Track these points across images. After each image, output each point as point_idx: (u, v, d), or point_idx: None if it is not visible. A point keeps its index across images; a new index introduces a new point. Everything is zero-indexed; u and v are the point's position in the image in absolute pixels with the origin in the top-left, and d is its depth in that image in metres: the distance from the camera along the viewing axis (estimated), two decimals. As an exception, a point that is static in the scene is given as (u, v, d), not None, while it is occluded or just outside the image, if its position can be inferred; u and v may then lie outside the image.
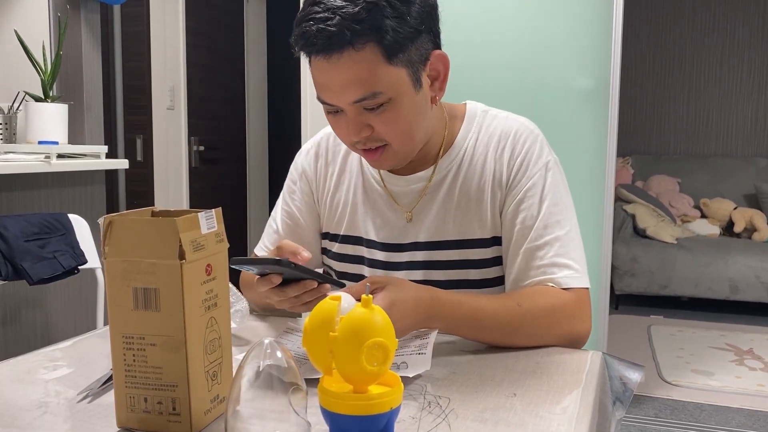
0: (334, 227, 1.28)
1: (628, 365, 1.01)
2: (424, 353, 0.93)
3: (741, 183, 5.21)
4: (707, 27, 5.48)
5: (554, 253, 1.11)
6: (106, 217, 0.73)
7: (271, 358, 0.64)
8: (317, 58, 1.01)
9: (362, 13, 0.96)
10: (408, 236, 1.20)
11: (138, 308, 0.73)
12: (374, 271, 1.23)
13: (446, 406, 0.80)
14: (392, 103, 1.03)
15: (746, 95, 5.45)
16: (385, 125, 1.05)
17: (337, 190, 1.28)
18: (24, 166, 2.32)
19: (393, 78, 1.02)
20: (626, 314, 4.53)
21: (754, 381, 3.26)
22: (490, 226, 1.17)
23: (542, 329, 1.06)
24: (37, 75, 2.57)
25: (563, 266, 1.10)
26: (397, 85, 1.03)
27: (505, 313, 1.04)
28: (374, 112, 1.04)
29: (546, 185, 1.15)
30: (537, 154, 1.16)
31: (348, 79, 1.00)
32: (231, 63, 4.55)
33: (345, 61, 0.98)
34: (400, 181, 1.21)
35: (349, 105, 1.03)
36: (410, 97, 1.05)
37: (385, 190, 1.22)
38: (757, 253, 4.42)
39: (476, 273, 1.18)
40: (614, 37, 2.55)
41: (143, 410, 0.74)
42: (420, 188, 1.19)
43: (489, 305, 1.05)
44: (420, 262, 1.19)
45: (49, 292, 2.56)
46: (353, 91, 1.01)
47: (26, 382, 0.89)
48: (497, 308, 1.05)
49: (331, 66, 0.99)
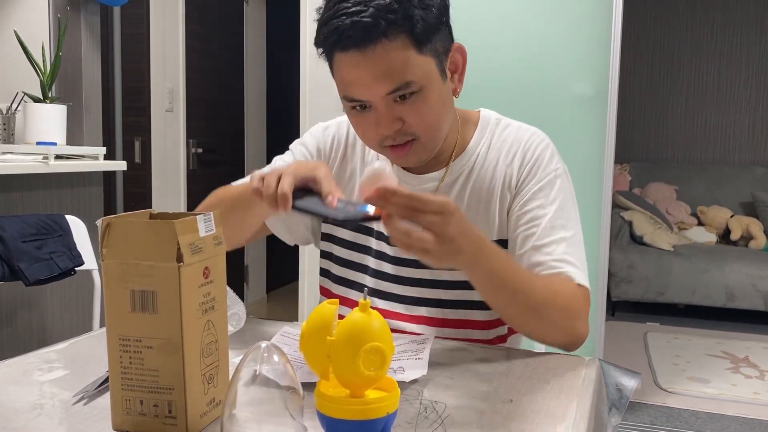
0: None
1: (624, 372, 1.01)
2: (420, 358, 0.93)
3: (738, 191, 5.22)
4: (706, 35, 5.49)
5: (562, 251, 1.10)
6: (104, 219, 0.73)
7: (267, 362, 0.64)
8: (351, 52, 1.01)
9: (393, 4, 0.99)
10: None
11: (135, 310, 0.73)
12: (380, 263, 1.23)
13: (443, 412, 0.80)
14: (422, 93, 1.05)
15: (744, 103, 5.46)
16: (416, 116, 1.06)
17: (347, 184, 1.27)
18: (22, 167, 2.31)
19: (423, 67, 1.04)
20: (623, 321, 4.53)
21: (749, 389, 3.26)
22: (496, 228, 1.17)
23: (557, 317, 1.05)
24: (36, 76, 2.56)
25: (571, 264, 1.10)
26: (427, 75, 1.05)
27: (539, 286, 1.04)
28: (405, 103, 1.05)
29: (554, 190, 1.15)
30: (548, 161, 1.17)
31: (382, 70, 1.01)
32: (230, 66, 4.55)
33: (379, 53, 1.00)
34: (412, 180, 1.21)
35: (381, 98, 1.03)
36: (438, 86, 1.07)
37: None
38: (753, 261, 4.43)
39: None
40: (613, 43, 2.56)
41: (139, 413, 0.74)
42: (431, 188, 1.20)
43: (528, 273, 1.05)
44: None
45: (45, 293, 2.56)
46: (387, 82, 1.02)
47: (21, 383, 0.89)
48: (534, 279, 1.05)
49: (365, 59, 1.01)
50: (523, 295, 1.01)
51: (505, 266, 1.00)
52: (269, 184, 0.93)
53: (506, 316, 1.08)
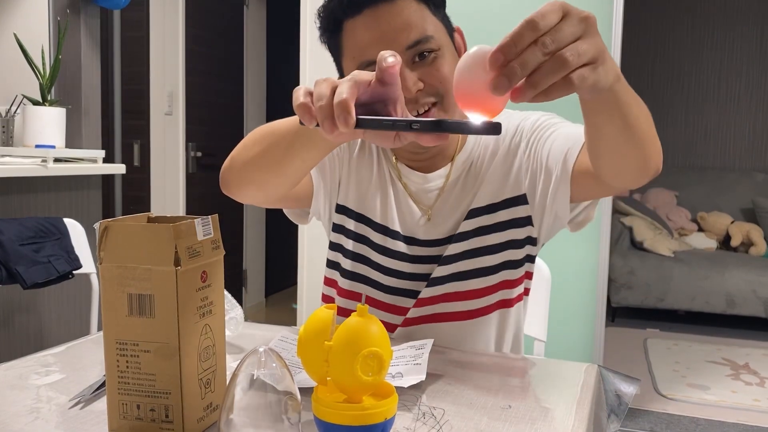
0: (352, 203, 1.23)
1: (624, 378, 1.01)
2: (419, 363, 0.93)
3: (738, 197, 5.23)
4: (706, 42, 5.50)
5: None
6: (102, 222, 0.73)
7: (265, 367, 0.63)
8: (365, 13, 1.02)
9: None
10: (432, 232, 1.19)
11: (132, 314, 0.72)
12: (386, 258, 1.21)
13: (441, 417, 0.80)
14: (440, 53, 1.04)
15: (744, 110, 5.46)
16: (438, 73, 1.04)
17: (360, 169, 1.24)
18: (20, 170, 2.31)
19: (439, 28, 1.05)
20: (623, 327, 4.52)
21: (749, 396, 3.25)
22: (512, 185, 1.16)
23: (654, 138, 0.89)
24: (36, 78, 2.56)
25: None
26: (442, 37, 1.06)
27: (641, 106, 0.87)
28: (425, 61, 1.04)
29: (554, 120, 1.16)
30: (540, 113, 1.18)
31: (401, 23, 1.01)
32: (230, 69, 4.55)
33: (396, 9, 1.01)
34: (418, 179, 1.19)
35: (402, 54, 1.02)
36: (451, 54, 1.07)
37: (405, 189, 1.21)
38: (753, 268, 4.43)
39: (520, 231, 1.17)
40: (613, 51, 2.56)
41: (136, 417, 0.74)
42: (438, 185, 1.19)
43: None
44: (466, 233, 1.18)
45: (43, 296, 2.55)
46: (408, 34, 1.02)
47: (18, 387, 0.89)
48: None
49: (381, 17, 1.01)
50: (647, 112, 0.88)
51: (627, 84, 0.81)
52: (321, 94, 0.71)
53: (642, 132, 0.85)
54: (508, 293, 1.20)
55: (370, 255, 1.22)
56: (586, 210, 1.14)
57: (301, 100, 0.72)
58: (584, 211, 1.14)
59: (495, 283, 1.18)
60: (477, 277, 1.17)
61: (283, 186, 1.03)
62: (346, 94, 0.68)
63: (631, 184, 0.93)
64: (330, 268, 1.29)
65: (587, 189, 1.07)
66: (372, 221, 1.22)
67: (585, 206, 1.13)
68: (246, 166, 1.03)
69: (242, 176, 1.04)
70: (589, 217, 1.15)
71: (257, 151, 1.00)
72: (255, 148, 1.00)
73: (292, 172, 0.98)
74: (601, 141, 0.87)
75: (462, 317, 1.18)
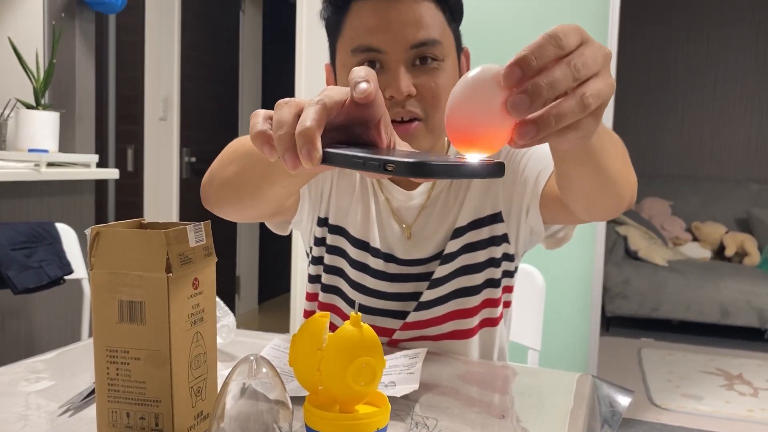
0: (332, 215, 1.19)
1: (617, 389, 1.00)
2: (412, 373, 0.92)
3: (733, 207, 5.24)
4: (701, 51, 5.52)
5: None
6: (93, 227, 0.72)
7: (256, 375, 0.63)
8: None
9: None
10: (415, 250, 1.16)
11: (123, 321, 0.71)
12: (362, 275, 1.17)
13: (434, 427, 0.79)
14: (443, 65, 1.00)
15: (739, 119, 5.49)
16: (433, 85, 0.98)
17: (342, 179, 1.19)
18: (13, 174, 2.30)
19: (449, 40, 1.00)
20: (617, 336, 4.52)
21: (743, 406, 3.25)
22: (491, 201, 1.13)
23: (628, 169, 0.86)
24: (30, 82, 2.56)
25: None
26: (450, 50, 1.01)
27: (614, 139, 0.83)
28: (425, 68, 0.98)
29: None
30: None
31: (413, 18, 0.96)
32: (225, 75, 4.55)
33: (413, 1, 0.96)
34: (401, 196, 1.15)
35: (403, 51, 0.97)
36: (453, 71, 1.02)
37: (388, 204, 1.17)
38: (748, 278, 4.44)
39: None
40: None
41: (125, 425, 0.73)
42: (420, 203, 1.15)
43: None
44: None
45: (33, 302, 2.54)
46: (416, 31, 0.96)
47: (7, 394, 0.88)
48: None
49: (395, 6, 0.96)
50: (618, 143, 0.83)
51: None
52: (282, 121, 0.59)
53: (608, 161, 0.77)
54: (492, 312, 1.17)
55: (346, 269, 1.18)
56: (565, 229, 1.11)
57: (259, 128, 0.61)
58: (563, 230, 1.12)
59: (478, 303, 1.15)
60: (463, 296, 1.14)
61: (263, 210, 0.98)
62: (311, 122, 0.56)
63: (604, 219, 0.90)
64: (312, 282, 1.25)
65: (557, 216, 1.05)
66: (349, 234, 1.17)
67: (563, 225, 1.11)
68: (224, 187, 0.96)
69: (220, 196, 0.98)
70: (568, 237, 1.13)
71: (233, 171, 0.93)
72: (231, 168, 0.93)
73: (272, 197, 0.91)
74: (570, 186, 0.82)
75: (448, 337, 1.15)
